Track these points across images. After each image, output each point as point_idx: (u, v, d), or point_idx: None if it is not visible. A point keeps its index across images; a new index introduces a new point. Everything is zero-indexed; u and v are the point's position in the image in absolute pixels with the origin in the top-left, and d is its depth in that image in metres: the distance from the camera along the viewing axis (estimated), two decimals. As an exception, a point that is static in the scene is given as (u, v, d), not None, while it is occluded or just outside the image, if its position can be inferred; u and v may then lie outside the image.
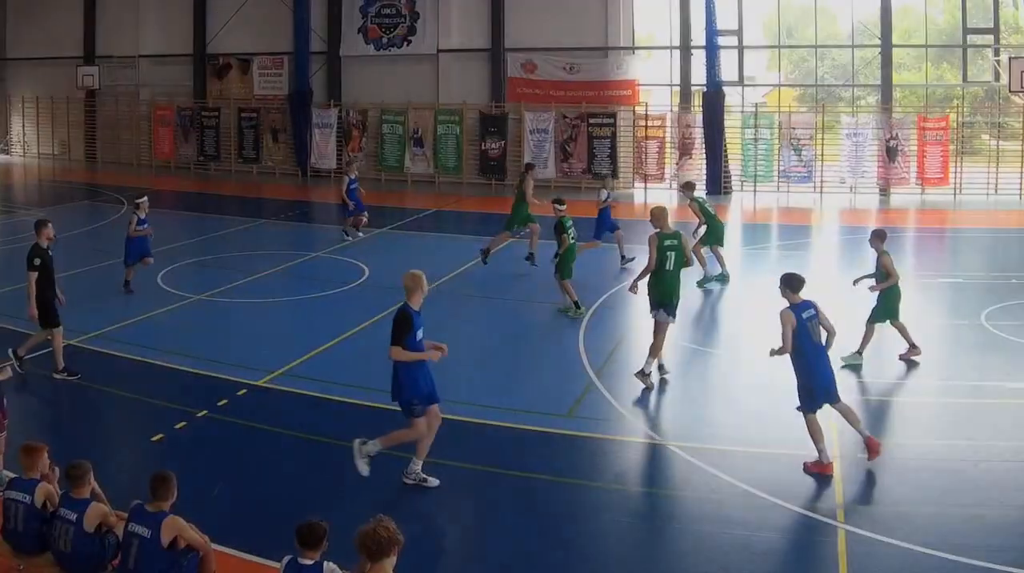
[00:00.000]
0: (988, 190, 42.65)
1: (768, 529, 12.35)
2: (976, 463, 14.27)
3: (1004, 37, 45.10)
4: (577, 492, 13.55)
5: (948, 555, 11.40)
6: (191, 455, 14.60)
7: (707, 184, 44.07)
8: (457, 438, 14.94)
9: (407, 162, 48.50)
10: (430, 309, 21.63)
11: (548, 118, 46.40)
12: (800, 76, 51.61)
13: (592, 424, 15.77)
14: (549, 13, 46.50)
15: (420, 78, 48.51)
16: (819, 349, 14.13)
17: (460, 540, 12.73)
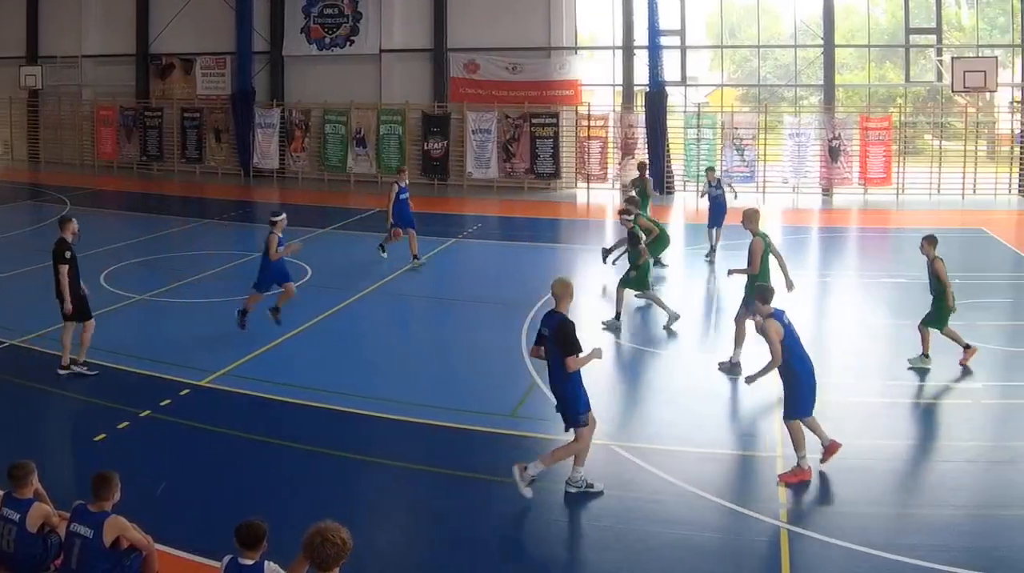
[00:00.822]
0: (931, 190, 41.19)
1: (711, 529, 11.91)
2: (919, 463, 14.09)
3: (946, 37, 43.66)
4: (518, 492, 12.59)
5: (890, 555, 11.01)
6: (134, 455, 13.91)
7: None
8: (400, 438, 14.80)
9: (350, 162, 46.00)
10: (374, 309, 21.98)
11: (491, 118, 44.16)
12: (743, 76, 49.17)
13: (535, 424, 15.06)
14: (492, 13, 44.44)
15: (363, 78, 46.14)
16: (805, 352, 13.50)
17: (400, 540, 12.07)
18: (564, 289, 12.73)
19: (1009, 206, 39.16)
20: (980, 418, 15.66)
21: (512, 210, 38.46)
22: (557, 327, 12.40)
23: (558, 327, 12.39)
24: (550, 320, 12.63)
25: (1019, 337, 20.17)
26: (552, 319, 12.59)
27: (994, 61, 39.20)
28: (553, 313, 12.66)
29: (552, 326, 12.48)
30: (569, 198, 42.71)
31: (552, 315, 12.65)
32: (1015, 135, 42.05)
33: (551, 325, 12.52)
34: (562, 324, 12.41)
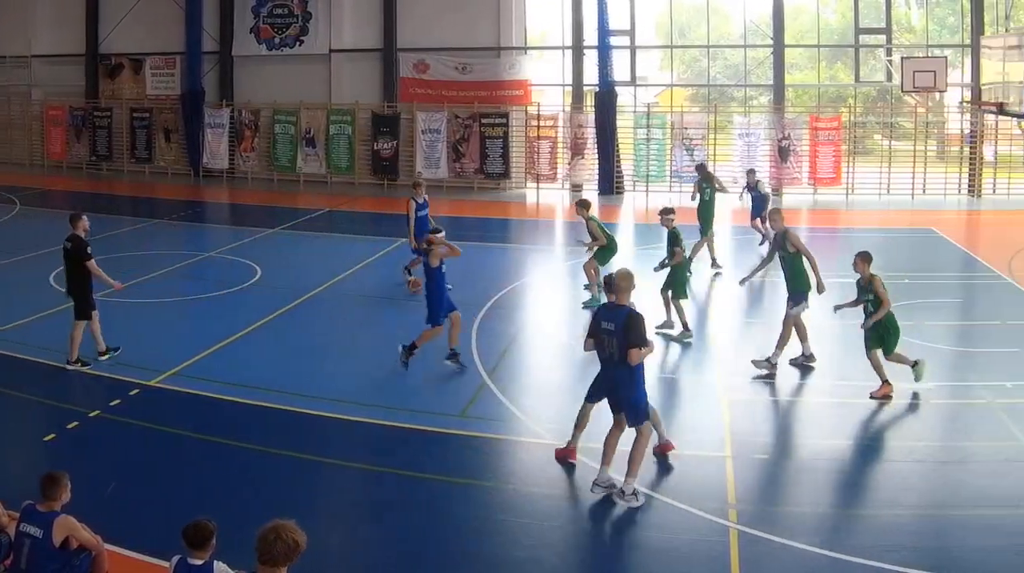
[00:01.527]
0: (880, 190, 39.70)
1: (660, 529, 11.58)
2: (868, 463, 13.68)
3: (896, 37, 42.18)
4: (469, 492, 12.62)
5: (840, 555, 10.74)
6: (84, 455, 13.58)
7: (599, 184, 40.53)
8: (350, 438, 14.46)
9: (299, 162, 43.74)
10: (325, 308, 21.42)
11: (440, 118, 42.04)
12: (692, 76, 47.47)
13: (485, 424, 14.73)
14: (441, 13, 42.24)
15: (312, 78, 43.83)
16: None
17: (350, 540, 11.64)
18: (628, 281, 12.17)
19: (959, 206, 37.99)
20: (929, 418, 15.34)
21: (462, 210, 36.86)
22: (627, 319, 11.83)
23: (628, 319, 11.83)
24: (614, 313, 12.01)
25: (968, 337, 19.69)
26: (618, 312, 11.98)
27: (944, 61, 37.62)
28: (616, 306, 12.07)
29: (619, 319, 11.88)
30: (519, 198, 41.00)
31: (616, 308, 12.05)
32: (964, 135, 40.56)
33: (617, 318, 11.91)
34: (632, 316, 11.89)
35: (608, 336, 12.01)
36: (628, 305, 12.11)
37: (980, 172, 39.52)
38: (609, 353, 12.08)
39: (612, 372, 12.21)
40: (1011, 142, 40.68)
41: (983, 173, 39.60)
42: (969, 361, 17.91)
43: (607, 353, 12.11)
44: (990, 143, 39.81)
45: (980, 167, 39.49)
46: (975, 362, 17.78)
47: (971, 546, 10.96)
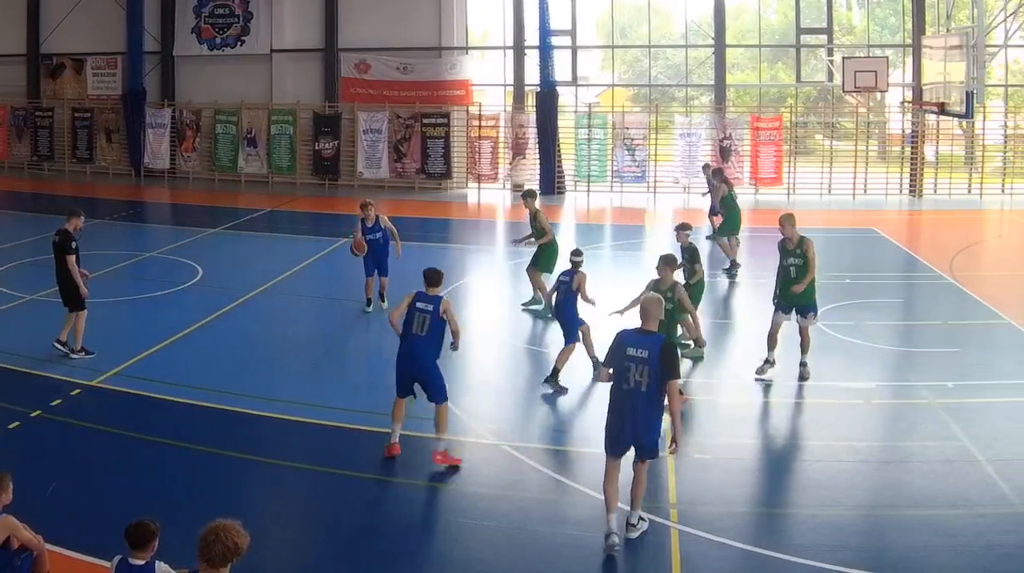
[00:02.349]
0: (821, 190, 37.96)
1: (602, 529, 10.68)
2: (811, 463, 13.13)
3: (837, 37, 40.67)
4: (411, 492, 12.23)
5: (781, 555, 10.33)
6: (25, 455, 12.86)
7: (540, 184, 38.16)
8: (291, 438, 13.97)
9: (240, 162, 41.33)
10: (265, 309, 20.81)
11: (382, 118, 39.74)
12: (634, 76, 45.45)
13: (425, 424, 13.60)
14: (382, 13, 39.96)
15: (254, 78, 41.43)
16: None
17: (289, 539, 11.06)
18: (659, 307, 10.62)
19: (900, 206, 36.75)
20: (871, 418, 14.74)
21: (403, 210, 34.66)
22: (662, 348, 10.23)
23: (663, 349, 10.25)
24: (646, 340, 10.33)
25: (910, 337, 19.09)
26: (650, 339, 10.32)
27: (884, 61, 36.07)
28: (645, 332, 10.40)
29: (654, 346, 10.22)
30: (460, 198, 39.20)
31: (646, 334, 10.39)
32: (905, 135, 39.13)
33: (651, 345, 10.25)
34: (667, 345, 10.41)
35: (637, 365, 10.22)
36: (658, 332, 10.52)
37: (921, 172, 38.20)
38: (635, 383, 10.23)
39: (636, 405, 10.30)
40: (952, 142, 39.36)
41: (924, 173, 38.29)
42: (910, 361, 17.33)
43: (632, 384, 10.25)
44: (931, 143, 38.64)
45: (921, 167, 38.18)
46: (916, 362, 17.18)
47: (912, 546, 10.54)
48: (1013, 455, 12.88)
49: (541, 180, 38.47)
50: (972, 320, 19.82)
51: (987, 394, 15.41)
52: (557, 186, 38.61)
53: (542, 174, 38.68)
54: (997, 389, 15.63)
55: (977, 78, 29.30)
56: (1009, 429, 13.84)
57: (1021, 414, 14.48)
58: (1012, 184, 37.84)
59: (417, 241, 27.54)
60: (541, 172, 38.73)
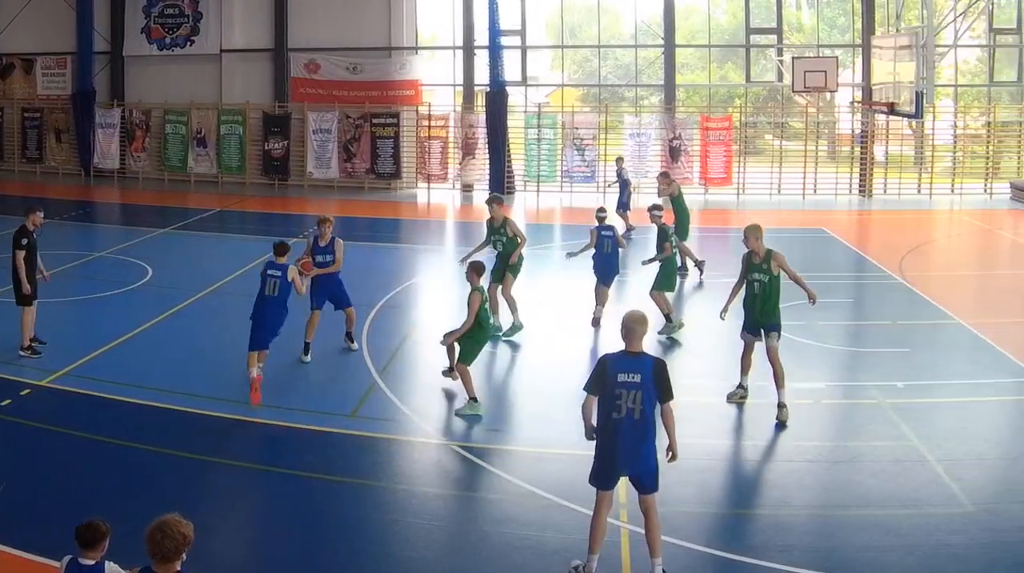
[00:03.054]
0: (771, 190, 36.72)
1: (552, 529, 10.56)
2: (760, 463, 12.78)
3: (787, 37, 39.05)
4: (360, 492, 11.62)
5: (732, 555, 9.94)
6: None
7: (490, 184, 36.76)
8: (241, 438, 13.53)
9: (190, 162, 39.62)
10: (216, 308, 20.15)
11: (331, 118, 38.17)
12: (583, 76, 43.53)
13: (376, 424, 13.81)
14: (332, 13, 38.33)
15: (203, 78, 39.70)
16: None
17: (241, 539, 10.66)
18: (645, 326, 9.42)
19: (849, 206, 35.83)
20: (821, 418, 14.25)
21: (353, 210, 34.20)
22: (656, 370, 9.18)
23: (658, 369, 9.20)
24: (636, 363, 9.19)
25: (859, 337, 18.54)
26: (641, 361, 9.20)
27: (834, 61, 34.95)
28: (634, 354, 9.24)
29: (646, 369, 9.14)
30: (410, 198, 37.79)
31: (636, 356, 9.22)
32: (855, 135, 38.02)
33: (642, 368, 9.15)
34: (662, 365, 9.28)
35: (630, 390, 9.08)
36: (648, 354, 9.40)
37: (871, 172, 37.09)
38: (628, 411, 9.09)
39: (632, 435, 9.15)
40: (901, 142, 38.36)
41: (874, 173, 37.19)
42: (860, 361, 16.78)
43: (624, 412, 9.10)
44: (881, 143, 37.59)
45: (871, 167, 37.08)
46: (866, 362, 16.61)
47: (862, 545, 10.18)
48: (962, 455, 12.46)
49: (491, 180, 37.08)
50: (922, 320, 19.28)
51: (937, 394, 14.92)
52: (507, 186, 37.11)
53: (492, 174, 37.23)
54: (947, 389, 15.14)
55: (927, 78, 28.44)
56: (959, 429, 13.41)
57: (971, 414, 14.05)
58: (962, 184, 36.90)
59: (366, 241, 26.87)
60: (491, 172, 37.27)
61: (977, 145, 38.05)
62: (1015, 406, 14.70)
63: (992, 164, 37.20)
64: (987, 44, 38.35)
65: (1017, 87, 38.52)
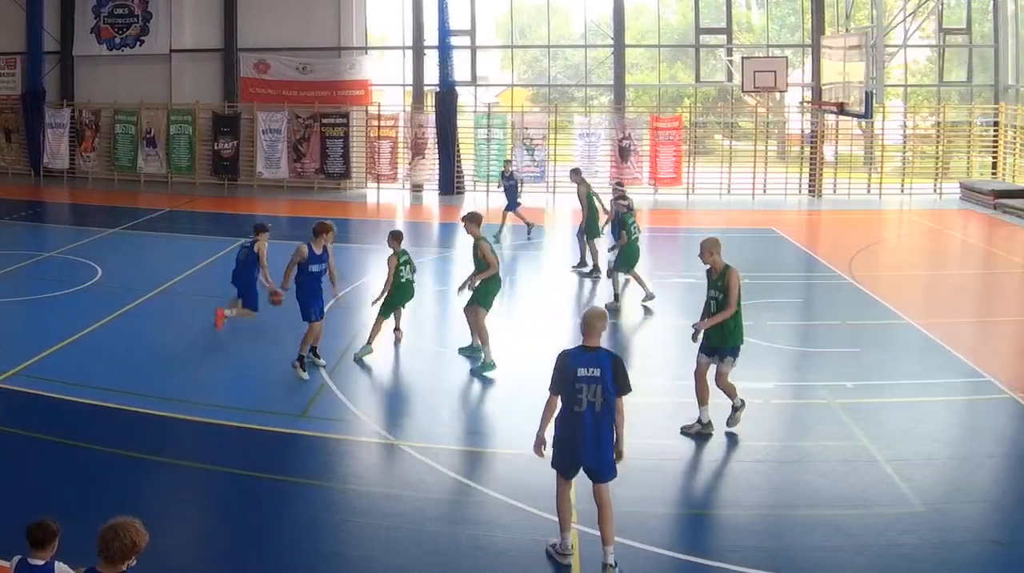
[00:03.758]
0: (721, 190, 35.42)
1: (503, 529, 10.22)
2: (707, 463, 12.17)
3: (736, 37, 37.50)
4: (310, 493, 11.16)
5: (681, 555, 9.65)
6: None
7: (439, 184, 35.64)
8: (192, 438, 12.92)
9: (140, 162, 37.96)
10: (166, 308, 19.58)
11: (281, 118, 36.57)
12: (533, 76, 42.02)
13: (326, 424, 13.22)
14: (282, 13, 36.72)
15: (153, 78, 38.01)
16: None
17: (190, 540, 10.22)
18: (604, 321, 9.50)
19: (799, 206, 34.75)
20: (771, 418, 13.78)
21: (302, 210, 32.80)
22: (615, 363, 9.22)
23: (617, 364, 9.24)
24: (595, 357, 9.21)
25: (809, 337, 18.03)
26: (600, 356, 9.23)
27: (784, 61, 33.86)
28: (592, 349, 9.25)
29: (605, 363, 9.16)
30: (359, 198, 36.27)
31: (594, 351, 9.24)
32: (805, 135, 36.65)
33: (601, 362, 9.17)
34: (619, 360, 9.33)
35: (590, 384, 9.09)
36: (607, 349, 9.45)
37: (820, 172, 35.82)
38: (588, 404, 9.09)
39: (593, 426, 9.17)
40: (851, 142, 37.11)
41: (823, 173, 35.89)
42: (810, 361, 16.36)
43: (584, 405, 9.09)
44: (830, 143, 36.27)
45: (820, 167, 35.80)
46: (816, 362, 16.18)
47: (812, 546, 9.90)
48: (912, 455, 12.10)
49: (440, 180, 35.80)
50: (871, 320, 18.65)
51: (886, 394, 14.46)
52: (456, 186, 35.80)
53: (441, 174, 35.91)
54: (896, 389, 14.71)
55: (876, 78, 27.79)
56: (908, 429, 13.01)
57: (920, 414, 13.65)
58: (911, 184, 35.77)
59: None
60: (440, 172, 35.94)
61: (927, 145, 37.03)
62: (965, 406, 14.30)
63: (942, 164, 36.19)
64: (937, 44, 37.35)
65: (967, 87, 37.51)
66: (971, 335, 17.72)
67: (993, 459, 12.12)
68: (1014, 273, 23.83)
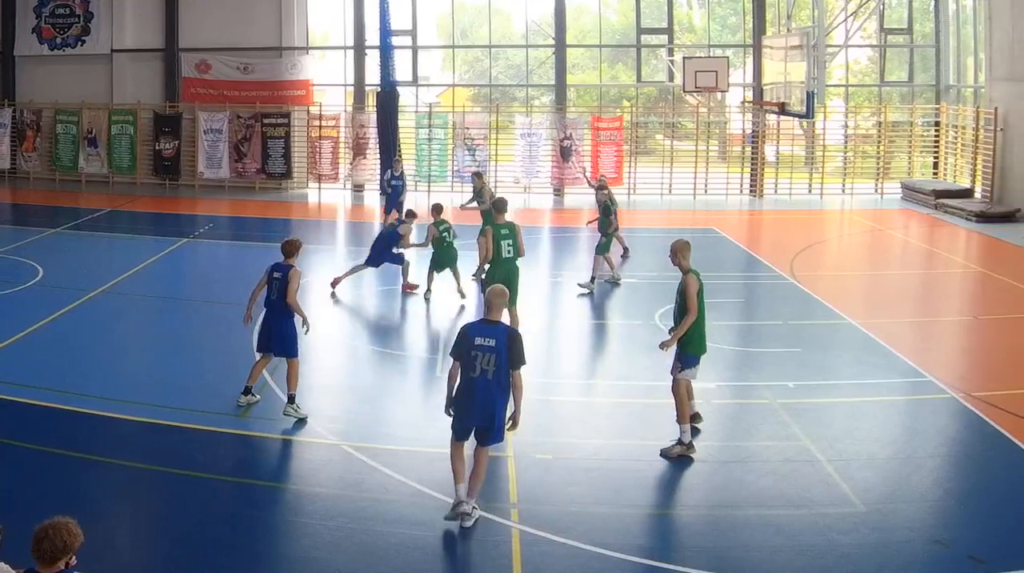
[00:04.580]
0: (662, 190, 34.10)
1: (442, 529, 9.77)
2: (649, 463, 11.58)
3: (678, 37, 36.10)
4: (250, 492, 10.83)
5: (623, 555, 9.31)
6: None
7: (380, 185, 33.32)
8: (130, 437, 12.41)
9: (81, 162, 36.33)
10: (106, 309, 18.84)
11: (222, 118, 35.03)
12: (474, 76, 40.66)
13: (264, 424, 12.63)
14: (223, 13, 35.13)
15: (94, 78, 36.29)
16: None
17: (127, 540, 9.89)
18: (503, 298, 9.91)
19: (740, 206, 33.73)
20: (712, 418, 13.06)
21: (243, 210, 32.09)
22: (510, 337, 9.63)
23: (511, 337, 9.64)
24: (491, 330, 9.63)
25: (750, 337, 17.51)
26: (496, 329, 9.63)
27: (725, 61, 32.84)
28: (491, 322, 9.70)
29: (500, 335, 9.59)
30: (300, 198, 34.87)
31: (492, 324, 9.68)
32: (746, 135, 35.48)
33: (496, 334, 9.57)
34: (515, 335, 9.76)
35: (484, 353, 9.59)
36: (505, 324, 10.06)
37: (762, 172, 34.65)
38: (482, 371, 9.58)
39: (485, 391, 9.62)
40: (793, 142, 35.81)
41: (765, 173, 34.74)
42: (751, 361, 15.87)
43: (478, 371, 9.59)
44: (772, 143, 35.06)
45: (762, 167, 34.62)
46: (757, 362, 15.72)
47: (753, 545, 9.53)
48: (853, 455, 11.75)
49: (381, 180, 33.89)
50: (812, 320, 18.26)
51: (828, 394, 14.09)
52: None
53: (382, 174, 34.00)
54: (838, 389, 14.32)
55: (817, 78, 26.41)
56: (850, 429, 12.66)
57: (862, 414, 13.26)
58: (852, 184, 34.87)
59: (258, 241, 26.11)
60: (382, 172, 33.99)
61: (868, 145, 35.88)
62: (906, 406, 13.90)
63: (883, 164, 35.01)
64: (878, 44, 36.32)
65: (908, 87, 36.47)
66: (912, 335, 17.29)
67: (934, 459, 11.79)
68: (955, 273, 23.27)
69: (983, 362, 16.14)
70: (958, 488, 11.05)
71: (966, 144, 33.19)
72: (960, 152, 34.00)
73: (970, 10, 33.99)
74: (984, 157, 31.23)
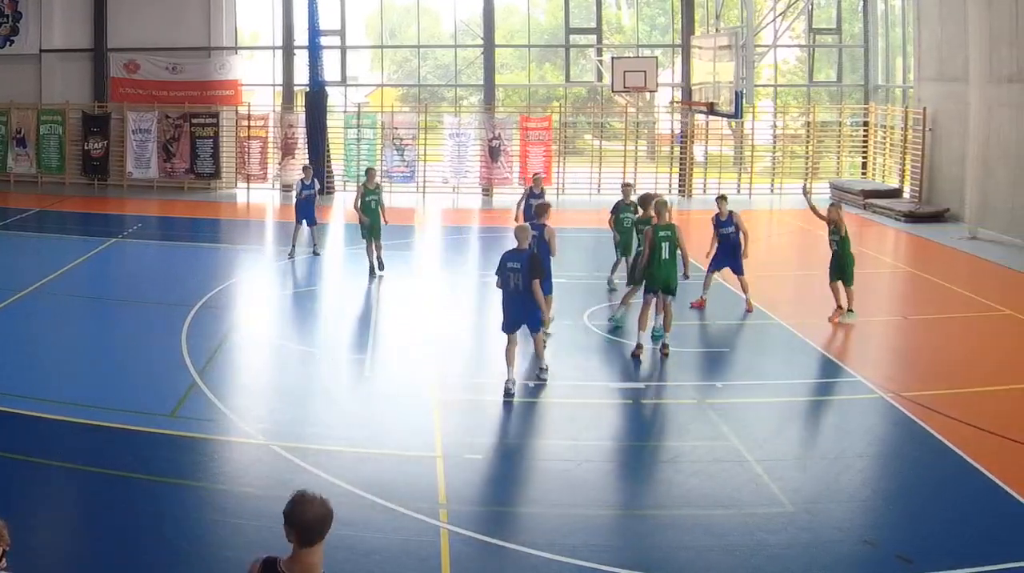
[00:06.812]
0: (591, 190, 31.54)
1: (372, 529, 9.26)
2: (579, 464, 10.86)
3: (607, 37, 33.72)
4: (180, 492, 10.17)
5: (552, 555, 8.83)
6: None
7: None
8: (60, 437, 11.65)
9: (9, 162, 33.28)
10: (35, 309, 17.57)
11: (151, 118, 32.10)
12: (403, 76, 37.64)
13: (195, 424, 11.80)
14: (152, 13, 32.09)
15: (23, 78, 33.13)
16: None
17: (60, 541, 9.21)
18: (526, 232, 12.59)
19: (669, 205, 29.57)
20: (640, 418, 12.62)
21: (172, 210, 29.75)
22: (531, 259, 12.25)
23: (532, 259, 12.26)
24: (518, 256, 12.28)
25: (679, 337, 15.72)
26: (521, 255, 12.28)
27: (654, 61, 30.03)
28: (518, 250, 12.32)
29: (524, 260, 12.20)
30: (229, 198, 32.08)
31: (519, 252, 12.31)
32: (674, 135, 32.80)
33: (521, 259, 12.22)
34: (535, 257, 12.41)
35: (514, 273, 12.19)
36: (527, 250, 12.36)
37: (690, 172, 32.12)
38: (514, 286, 12.20)
39: (518, 299, 12.29)
40: (721, 142, 33.39)
41: (693, 173, 32.19)
42: (679, 361, 14.86)
43: (512, 286, 12.21)
44: (700, 143, 32.52)
45: (690, 167, 32.09)
46: (686, 362, 14.84)
47: (681, 545, 8.99)
48: (782, 455, 11.14)
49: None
50: (740, 320, 17.29)
51: (756, 394, 13.31)
52: (326, 186, 31.45)
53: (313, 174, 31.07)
54: (766, 389, 13.54)
55: (746, 78, 24.43)
56: (778, 429, 12.09)
57: (790, 414, 12.68)
58: (781, 184, 32.19)
59: (186, 241, 25.19)
60: (304, 169, 31.19)
61: (797, 145, 33.48)
62: (834, 406, 13.27)
63: (811, 164, 32.52)
64: (807, 44, 33.80)
65: (836, 87, 34.03)
66: (841, 335, 16.37)
67: (863, 459, 11.13)
68: (883, 273, 21.79)
69: (912, 362, 15.13)
70: (886, 488, 10.49)
71: (895, 144, 31.10)
72: (889, 152, 31.87)
73: (899, 10, 31.93)
74: (913, 157, 29.15)
